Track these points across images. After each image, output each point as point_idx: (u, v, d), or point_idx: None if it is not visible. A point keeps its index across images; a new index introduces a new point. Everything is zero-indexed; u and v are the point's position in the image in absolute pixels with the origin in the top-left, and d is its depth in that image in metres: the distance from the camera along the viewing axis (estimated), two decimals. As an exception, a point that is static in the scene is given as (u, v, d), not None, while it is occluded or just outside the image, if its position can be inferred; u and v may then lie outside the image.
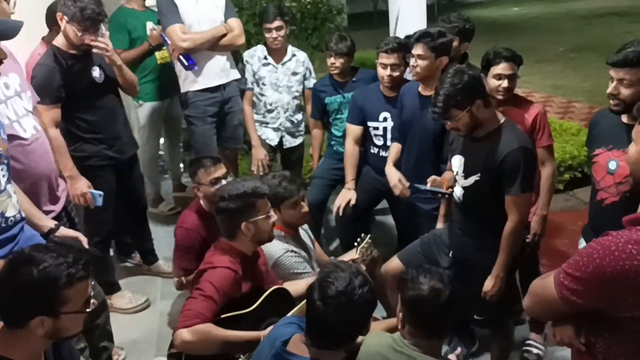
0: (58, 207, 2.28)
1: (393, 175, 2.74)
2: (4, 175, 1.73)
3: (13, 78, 2.13)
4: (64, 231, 1.91)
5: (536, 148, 2.38)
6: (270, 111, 3.42)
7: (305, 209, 2.45)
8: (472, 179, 2.16)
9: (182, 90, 3.39)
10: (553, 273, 1.24)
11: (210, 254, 2.11)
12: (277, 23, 3.27)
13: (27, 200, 1.96)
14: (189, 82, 3.32)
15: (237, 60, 3.57)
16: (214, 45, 3.24)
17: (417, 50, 2.50)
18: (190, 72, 3.25)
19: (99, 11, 2.57)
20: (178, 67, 3.34)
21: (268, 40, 3.32)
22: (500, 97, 2.42)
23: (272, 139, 3.47)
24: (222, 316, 1.94)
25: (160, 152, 5.55)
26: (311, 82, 3.50)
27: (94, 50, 2.66)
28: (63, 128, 2.71)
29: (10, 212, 1.73)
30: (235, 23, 3.31)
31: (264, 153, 3.42)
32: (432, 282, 1.63)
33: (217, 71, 3.32)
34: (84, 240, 1.91)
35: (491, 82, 2.42)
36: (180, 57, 3.20)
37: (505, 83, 2.41)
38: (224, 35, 3.25)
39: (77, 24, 2.56)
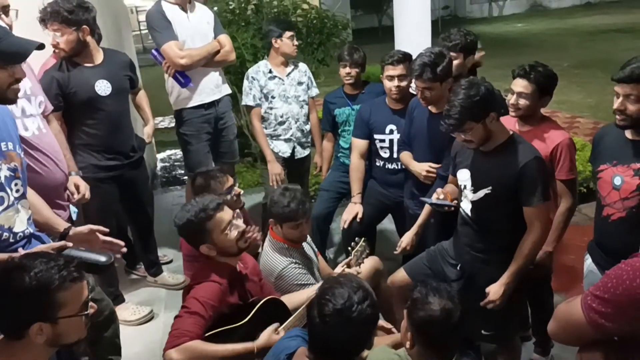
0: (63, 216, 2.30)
1: (420, 165, 2.69)
2: (17, 191, 1.73)
3: (24, 81, 2.18)
4: (77, 230, 1.87)
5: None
6: (281, 123, 3.42)
7: (306, 231, 2.45)
8: (482, 192, 2.15)
9: (175, 107, 3.38)
10: (579, 297, 1.20)
11: (195, 270, 2.11)
12: (295, 31, 3.35)
13: (44, 204, 1.95)
14: (183, 99, 3.31)
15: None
16: (209, 61, 3.24)
17: (420, 84, 2.49)
18: (185, 89, 3.25)
19: (52, 8, 2.57)
20: (169, 85, 3.34)
21: (291, 47, 3.32)
22: (512, 113, 2.36)
23: (285, 151, 3.47)
24: (215, 330, 1.91)
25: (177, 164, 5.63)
26: (313, 92, 3.54)
27: None
28: (66, 138, 2.73)
29: (19, 228, 1.73)
30: (225, 39, 3.33)
31: (280, 168, 3.40)
32: (443, 302, 1.59)
33: (211, 87, 3.33)
34: (98, 227, 1.87)
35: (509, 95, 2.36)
36: (176, 74, 3.18)
37: (512, 99, 2.33)
38: (218, 52, 3.26)
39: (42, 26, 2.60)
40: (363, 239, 2.48)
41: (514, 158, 2.06)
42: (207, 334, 1.89)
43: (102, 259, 1.74)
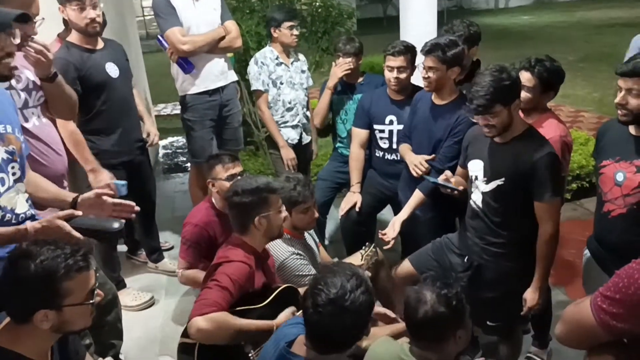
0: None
1: (415, 157, 2.65)
2: (14, 174, 1.72)
3: (27, 74, 2.18)
4: (84, 196, 1.82)
5: None
6: (289, 109, 3.41)
7: (316, 215, 2.47)
8: (494, 183, 2.14)
9: (180, 93, 3.38)
10: (588, 298, 1.19)
11: (224, 249, 2.12)
12: (296, 21, 3.32)
13: (47, 181, 1.94)
14: (187, 85, 3.31)
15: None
16: (213, 47, 3.24)
17: (428, 62, 2.46)
18: (189, 75, 3.26)
19: None
20: (174, 70, 3.34)
21: (290, 37, 3.30)
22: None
23: (294, 138, 3.46)
24: (236, 309, 1.95)
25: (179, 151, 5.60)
26: (310, 81, 3.55)
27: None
28: (78, 123, 2.71)
29: (21, 209, 1.73)
30: (232, 25, 3.32)
31: (293, 153, 3.40)
32: (425, 293, 1.59)
33: (216, 74, 3.32)
34: (104, 191, 1.80)
35: None
36: (180, 60, 3.20)
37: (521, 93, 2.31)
38: (223, 38, 3.25)
39: (70, 2, 2.56)
40: (374, 244, 2.48)
41: (528, 151, 2.06)
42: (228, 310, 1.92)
43: (114, 225, 1.68)
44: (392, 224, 2.56)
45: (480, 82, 2.04)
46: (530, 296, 2.15)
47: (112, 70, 2.81)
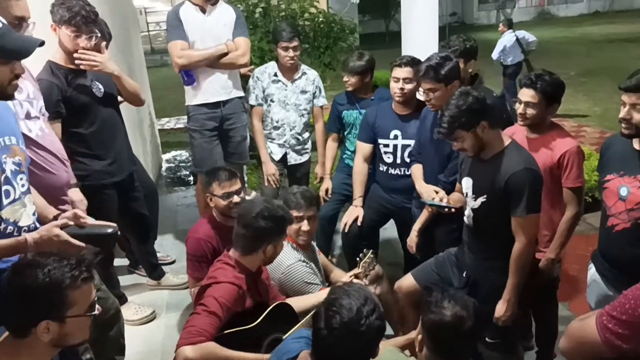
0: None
1: (426, 188, 2.63)
2: (23, 185, 1.73)
3: (27, 85, 2.20)
4: (64, 215, 1.78)
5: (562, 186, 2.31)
6: (276, 128, 3.44)
7: (305, 228, 2.44)
8: (480, 200, 2.17)
9: (186, 103, 3.46)
10: (594, 315, 1.20)
11: (213, 269, 2.10)
12: (295, 43, 3.30)
13: (36, 194, 1.92)
14: (190, 96, 3.39)
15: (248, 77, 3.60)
16: (214, 62, 3.27)
17: (427, 85, 2.50)
18: (190, 87, 3.33)
19: (88, 9, 2.51)
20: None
21: (284, 58, 3.32)
22: (520, 122, 2.36)
23: (276, 153, 3.49)
24: (225, 332, 1.92)
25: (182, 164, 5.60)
26: (320, 101, 3.53)
27: (81, 66, 2.59)
28: (64, 146, 2.54)
29: (25, 222, 1.72)
30: (242, 42, 3.33)
31: (274, 168, 3.45)
32: (456, 308, 1.58)
33: (216, 88, 3.35)
34: (82, 214, 1.76)
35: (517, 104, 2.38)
36: (181, 72, 3.29)
37: (520, 109, 2.33)
38: (226, 54, 3.28)
39: (68, 26, 2.50)
40: (371, 250, 2.47)
41: (504, 167, 2.08)
42: (217, 334, 1.90)
43: (108, 230, 1.67)
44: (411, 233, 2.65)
45: (443, 109, 2.09)
46: (498, 307, 2.16)
47: (97, 89, 2.73)
